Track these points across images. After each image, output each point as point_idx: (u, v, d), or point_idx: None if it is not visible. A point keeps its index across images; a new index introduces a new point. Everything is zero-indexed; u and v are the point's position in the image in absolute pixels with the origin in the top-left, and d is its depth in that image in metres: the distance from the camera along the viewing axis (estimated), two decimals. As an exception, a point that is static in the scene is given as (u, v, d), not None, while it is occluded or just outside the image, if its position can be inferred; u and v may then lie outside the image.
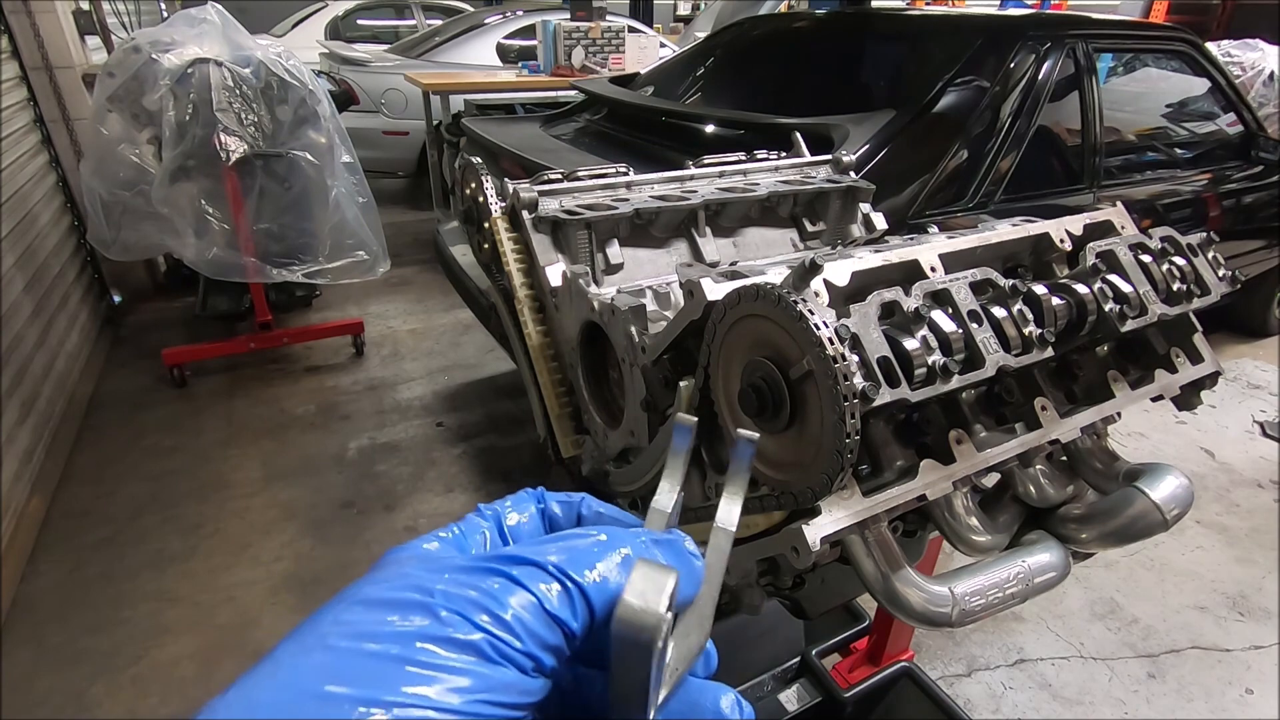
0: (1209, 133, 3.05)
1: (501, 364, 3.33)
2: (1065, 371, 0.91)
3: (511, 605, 0.25)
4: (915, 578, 0.78)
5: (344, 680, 0.22)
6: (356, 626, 0.24)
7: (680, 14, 10.73)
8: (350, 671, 0.23)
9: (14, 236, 2.66)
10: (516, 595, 0.26)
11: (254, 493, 2.50)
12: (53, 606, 2.03)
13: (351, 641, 0.23)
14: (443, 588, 0.25)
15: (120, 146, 2.49)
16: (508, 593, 0.26)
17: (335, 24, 6.69)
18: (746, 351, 0.74)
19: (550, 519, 0.35)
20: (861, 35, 2.81)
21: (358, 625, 0.24)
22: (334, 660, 0.23)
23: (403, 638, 0.24)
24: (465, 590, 0.25)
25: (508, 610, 0.25)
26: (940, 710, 1.64)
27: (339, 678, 0.22)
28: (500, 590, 0.26)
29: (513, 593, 0.26)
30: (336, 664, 0.23)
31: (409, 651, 0.23)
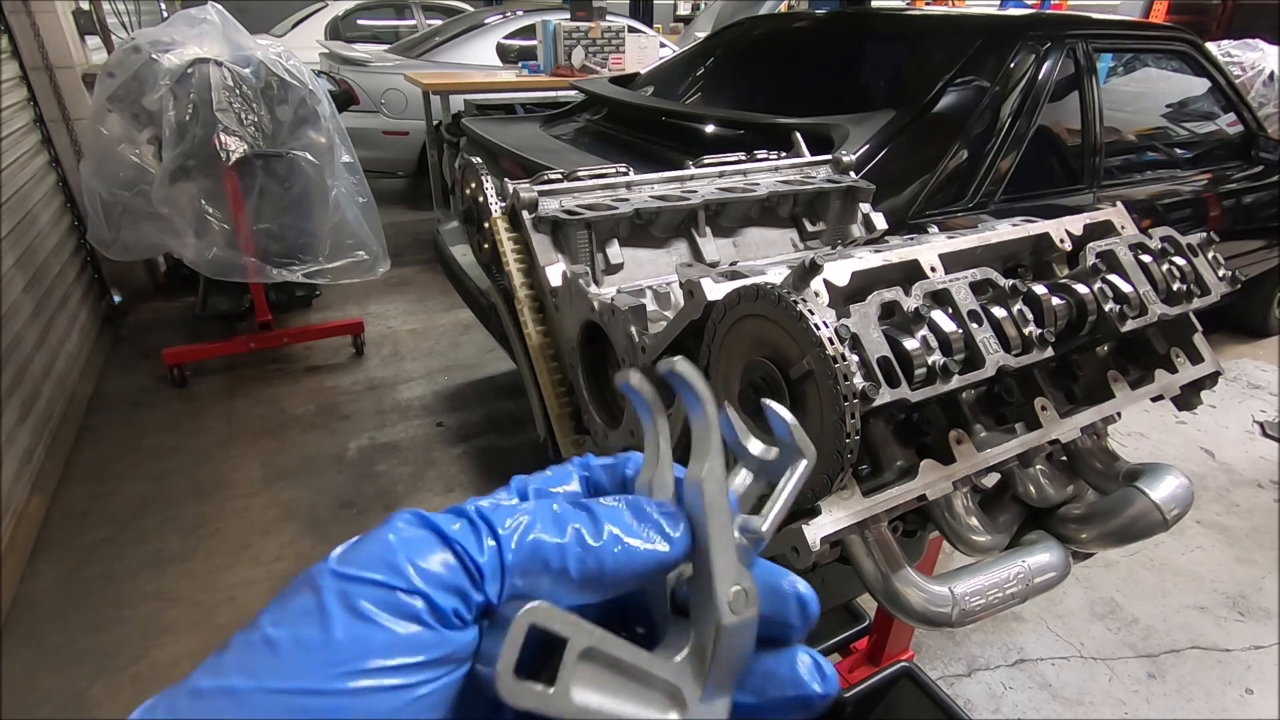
0: (1209, 133, 3.05)
1: (501, 364, 3.33)
2: (1065, 371, 0.91)
3: (405, 543, 0.24)
4: (915, 578, 0.78)
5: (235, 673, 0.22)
6: (265, 614, 0.23)
7: (680, 14, 10.73)
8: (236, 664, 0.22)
9: (14, 236, 2.66)
10: (414, 531, 0.24)
11: (254, 493, 2.50)
12: (53, 606, 2.03)
13: (255, 629, 0.23)
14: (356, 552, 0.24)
15: (120, 146, 2.49)
16: (408, 533, 0.24)
17: (335, 24, 6.69)
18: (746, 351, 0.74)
19: (595, 486, 0.33)
20: (861, 35, 2.81)
21: (267, 613, 0.23)
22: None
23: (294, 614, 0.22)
24: (378, 545, 0.24)
25: (399, 552, 0.23)
26: (940, 710, 1.64)
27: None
28: (404, 533, 0.24)
29: (412, 532, 0.24)
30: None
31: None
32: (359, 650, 0.21)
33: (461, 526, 0.25)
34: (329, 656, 0.21)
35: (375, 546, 0.24)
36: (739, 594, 0.27)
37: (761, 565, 0.29)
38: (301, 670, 0.21)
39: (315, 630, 0.22)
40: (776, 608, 0.29)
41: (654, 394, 0.29)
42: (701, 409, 0.28)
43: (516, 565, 0.24)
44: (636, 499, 0.28)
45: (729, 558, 0.27)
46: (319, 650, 0.21)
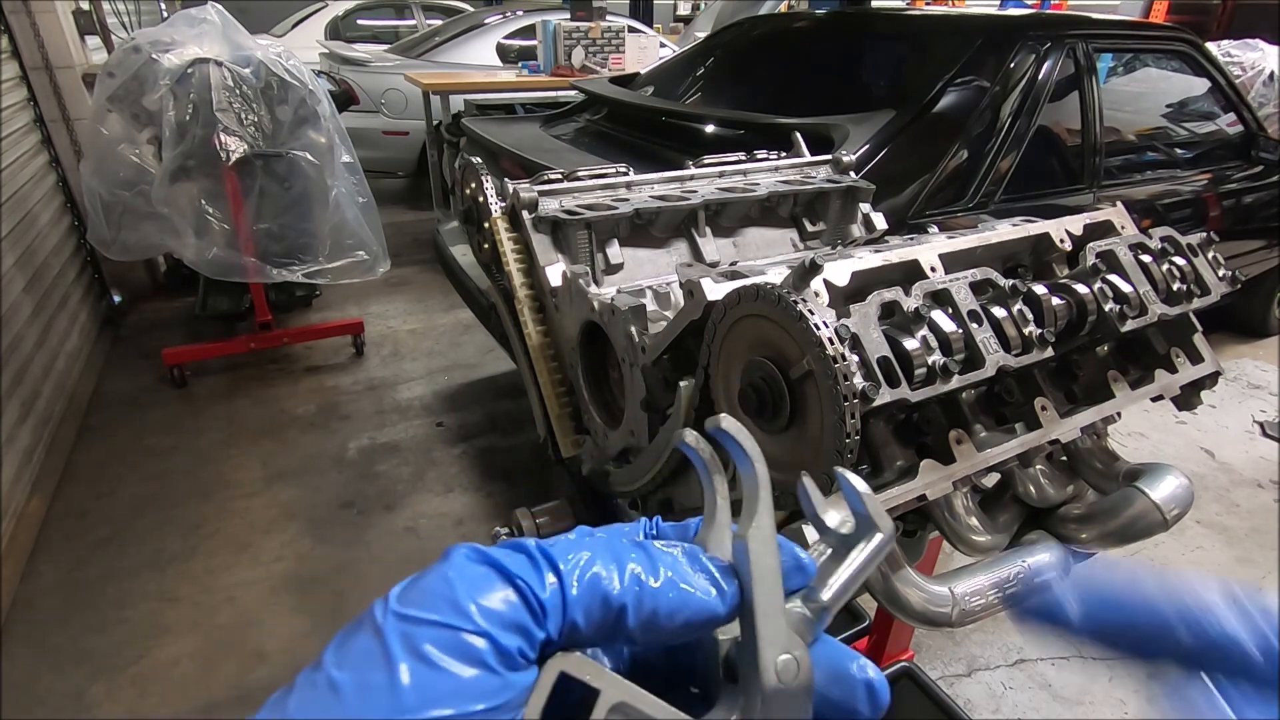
0: (1209, 133, 3.05)
1: (501, 364, 3.33)
2: (1065, 371, 0.91)
3: (466, 580, 0.23)
4: (915, 578, 0.78)
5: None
6: (333, 653, 0.23)
7: (680, 14, 10.73)
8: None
9: (14, 236, 2.66)
10: (475, 568, 0.24)
11: (254, 493, 2.50)
12: (53, 606, 2.03)
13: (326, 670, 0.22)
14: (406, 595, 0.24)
15: (120, 146, 2.49)
16: (469, 570, 0.24)
17: (335, 24, 6.69)
18: (746, 351, 0.74)
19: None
20: (861, 35, 2.81)
21: (334, 651, 0.23)
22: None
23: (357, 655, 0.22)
24: (439, 583, 0.24)
25: (459, 590, 0.23)
26: (940, 710, 1.64)
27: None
28: (465, 570, 0.24)
29: (472, 569, 0.24)
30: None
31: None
32: (424, 698, 0.21)
33: (522, 562, 0.24)
34: (394, 703, 0.21)
35: (436, 584, 0.23)
36: (788, 662, 0.26)
37: (830, 644, 0.28)
38: (367, 717, 0.21)
39: (380, 675, 0.21)
40: (843, 693, 0.28)
41: (712, 453, 0.29)
42: (750, 467, 0.28)
43: (578, 601, 0.24)
44: (693, 548, 0.28)
45: (777, 622, 0.26)
46: (384, 696, 0.21)
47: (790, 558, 0.28)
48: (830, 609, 0.28)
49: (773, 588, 0.27)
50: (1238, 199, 2.86)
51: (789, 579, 0.28)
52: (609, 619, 0.24)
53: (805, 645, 0.27)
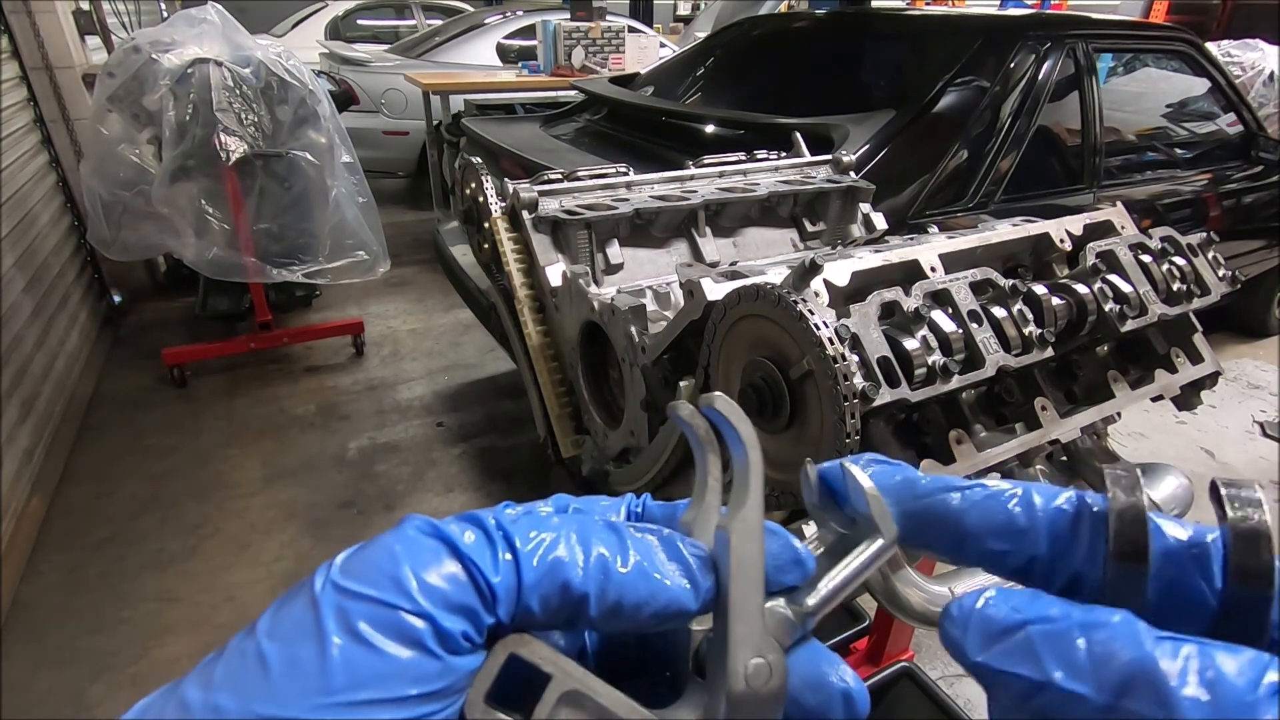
0: (1209, 133, 3.05)
1: (501, 364, 3.33)
2: (1065, 371, 0.91)
3: (412, 554, 0.22)
4: (915, 578, 0.78)
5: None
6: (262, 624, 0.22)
7: (680, 14, 10.73)
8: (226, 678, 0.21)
9: (14, 236, 2.66)
10: (424, 542, 0.22)
11: (254, 493, 2.50)
12: (53, 606, 2.03)
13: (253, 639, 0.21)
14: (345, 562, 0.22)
15: (120, 146, 2.49)
16: (417, 543, 0.22)
17: (335, 24, 6.69)
18: (746, 351, 0.74)
19: (646, 520, 0.30)
20: (861, 35, 2.81)
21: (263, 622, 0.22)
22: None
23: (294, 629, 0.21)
24: (384, 556, 0.22)
25: (404, 565, 0.21)
26: (940, 710, 1.64)
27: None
28: (412, 543, 0.22)
29: (421, 542, 0.22)
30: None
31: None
32: (354, 679, 0.20)
33: (476, 539, 0.23)
34: (322, 684, 0.20)
35: (380, 556, 0.22)
36: (760, 666, 0.24)
37: (812, 649, 0.26)
38: (292, 696, 0.20)
39: (309, 650, 0.20)
40: (819, 701, 0.26)
41: (707, 429, 0.27)
42: (742, 451, 0.26)
43: (534, 585, 0.22)
44: (671, 535, 0.26)
45: (752, 623, 0.24)
46: (312, 675, 0.20)
47: (787, 550, 0.26)
48: (815, 614, 0.26)
49: (751, 585, 0.25)
50: (1238, 199, 2.86)
51: (784, 574, 0.26)
52: (569, 606, 0.23)
53: (781, 649, 0.25)
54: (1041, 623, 0.21)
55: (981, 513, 0.27)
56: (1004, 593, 0.23)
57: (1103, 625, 0.21)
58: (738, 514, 0.25)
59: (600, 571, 0.23)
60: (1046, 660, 0.21)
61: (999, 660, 0.22)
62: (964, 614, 0.23)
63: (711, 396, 0.26)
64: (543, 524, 0.24)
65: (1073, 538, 0.25)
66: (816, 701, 0.26)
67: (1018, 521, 0.26)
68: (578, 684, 0.23)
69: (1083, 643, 0.20)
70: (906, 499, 0.28)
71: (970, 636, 0.23)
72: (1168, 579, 0.24)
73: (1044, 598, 0.23)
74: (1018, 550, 0.26)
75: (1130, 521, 0.24)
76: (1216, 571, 0.23)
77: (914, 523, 0.28)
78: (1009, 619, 0.22)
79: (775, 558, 0.26)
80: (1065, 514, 0.25)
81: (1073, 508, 0.25)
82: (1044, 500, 0.26)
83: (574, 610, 0.23)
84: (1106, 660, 0.20)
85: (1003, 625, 0.22)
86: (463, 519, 0.24)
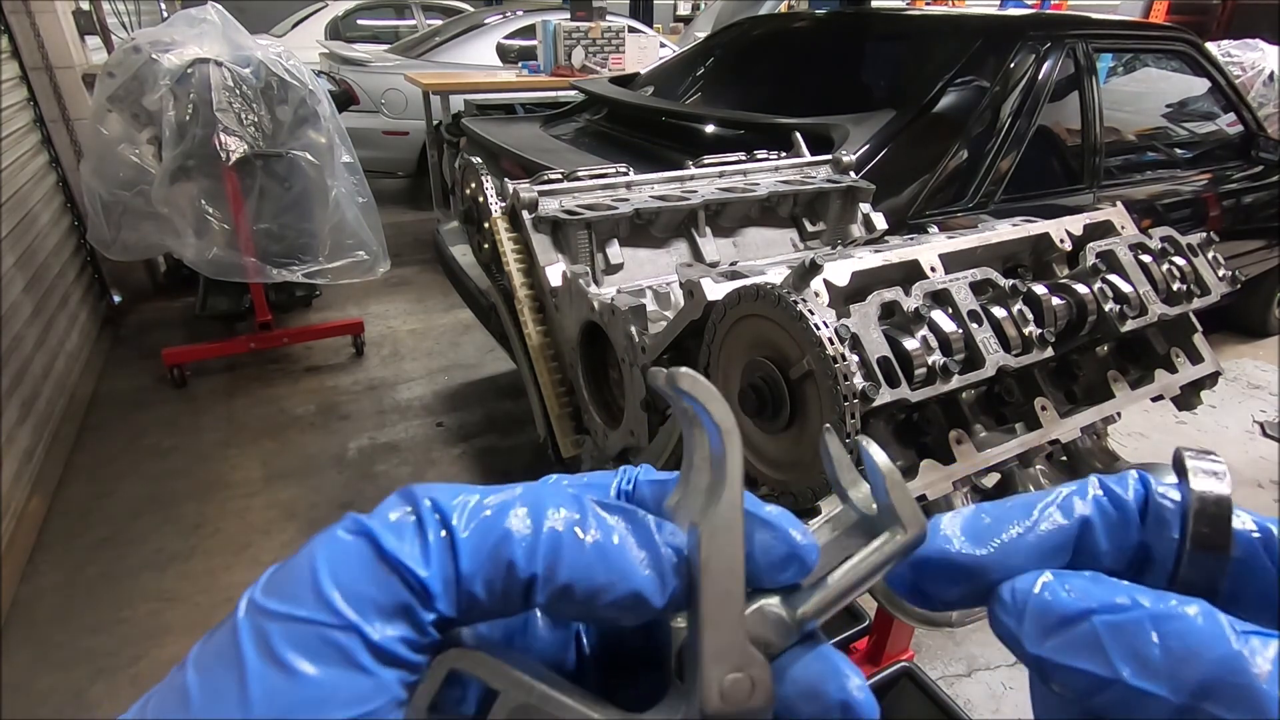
0: (1209, 133, 3.05)
1: (501, 364, 3.33)
2: (1065, 371, 0.91)
3: (333, 563, 0.19)
4: (915, 578, 0.77)
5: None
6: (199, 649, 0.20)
7: (680, 14, 10.73)
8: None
9: (14, 236, 2.66)
10: (345, 545, 0.20)
11: (254, 493, 2.50)
12: (53, 606, 2.03)
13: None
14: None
15: (120, 146, 2.49)
16: (337, 548, 0.20)
17: (335, 24, 6.69)
18: (746, 351, 0.74)
19: (636, 502, 0.26)
20: (861, 35, 2.81)
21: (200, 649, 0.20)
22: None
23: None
24: (303, 569, 0.20)
25: (324, 576, 0.19)
26: (940, 710, 1.64)
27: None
28: (332, 549, 0.20)
29: (342, 547, 0.20)
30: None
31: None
32: (276, 708, 0.18)
33: (407, 528, 0.20)
34: (243, 714, 0.18)
35: (299, 569, 0.20)
36: (738, 682, 0.21)
37: (816, 656, 0.23)
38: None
39: (229, 681, 0.18)
40: (815, 711, 0.23)
41: None
42: (717, 436, 0.22)
43: (475, 571, 0.20)
44: (645, 518, 0.22)
45: (727, 634, 0.21)
46: (231, 706, 0.18)
47: (781, 544, 0.23)
48: (807, 622, 0.23)
49: (725, 592, 0.22)
50: (1238, 199, 2.86)
51: (778, 571, 0.23)
52: (514, 590, 0.20)
53: (766, 661, 0.22)
54: (1108, 612, 0.20)
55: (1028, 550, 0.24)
56: (1061, 575, 0.21)
57: (1178, 617, 0.19)
58: (712, 509, 0.22)
59: (551, 551, 0.20)
60: (1114, 655, 0.19)
61: (1060, 654, 0.20)
62: (1019, 600, 0.21)
63: (676, 374, 0.22)
64: (491, 497, 0.21)
65: (1119, 522, 0.24)
66: (812, 712, 0.23)
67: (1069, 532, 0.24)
68: (530, 696, 0.21)
69: (1156, 637, 0.19)
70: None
71: (1027, 626, 0.21)
72: (1237, 560, 0.22)
73: (1107, 581, 0.21)
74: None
75: (1214, 503, 0.22)
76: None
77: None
78: (1071, 607, 0.20)
79: (769, 552, 0.23)
80: (1115, 504, 0.24)
81: (1134, 494, 0.24)
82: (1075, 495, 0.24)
83: (521, 594, 0.21)
84: (1185, 657, 0.18)
85: (1063, 614, 0.20)
86: (402, 497, 0.21)
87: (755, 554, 0.23)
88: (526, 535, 0.20)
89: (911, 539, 0.23)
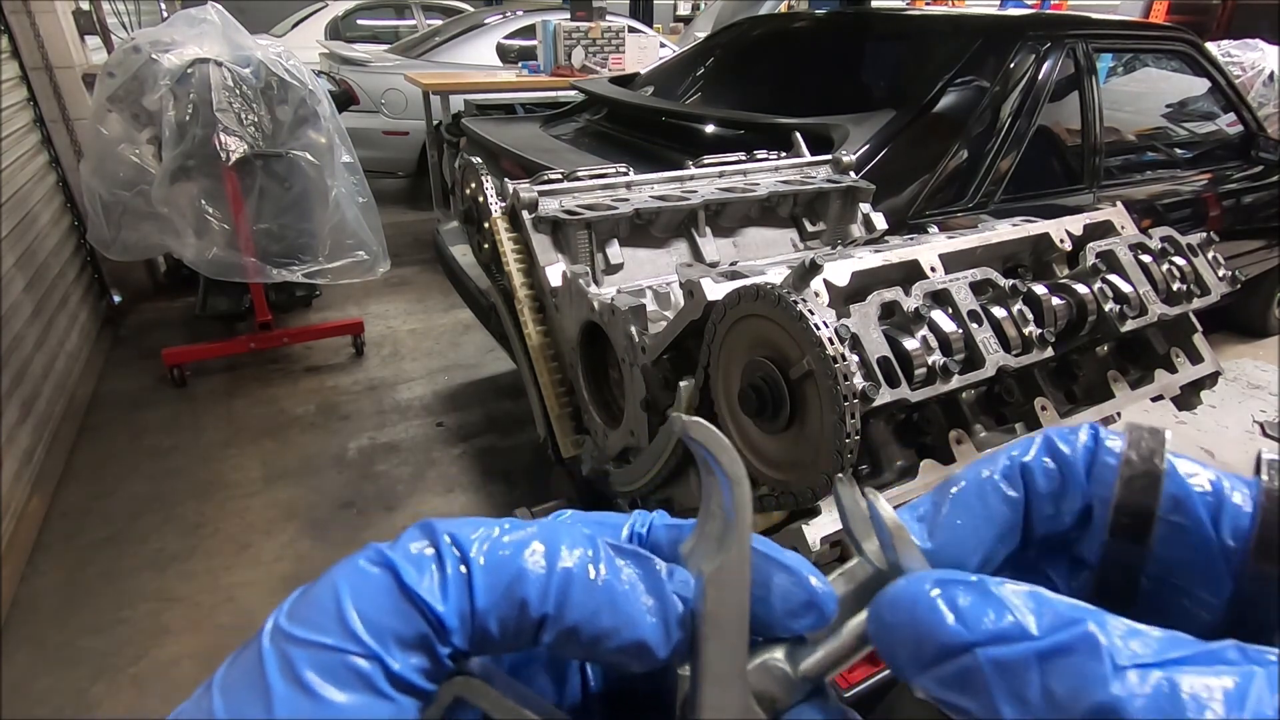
0: (1209, 133, 3.05)
1: (501, 364, 3.33)
2: (1065, 371, 0.91)
3: (356, 592, 0.20)
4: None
5: None
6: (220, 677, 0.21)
7: (680, 14, 10.73)
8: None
9: (14, 236, 2.66)
10: (368, 576, 0.21)
11: (254, 493, 2.50)
12: (53, 606, 2.03)
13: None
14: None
15: (120, 146, 2.49)
16: (359, 579, 0.21)
17: (335, 24, 6.69)
18: (746, 351, 0.74)
19: (651, 547, 0.26)
20: (861, 35, 2.81)
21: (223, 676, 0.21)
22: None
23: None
24: (327, 596, 0.21)
25: (347, 604, 0.20)
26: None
27: None
28: (355, 579, 0.21)
29: (365, 578, 0.21)
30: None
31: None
32: None
33: (426, 563, 0.21)
34: None
35: (323, 596, 0.21)
36: None
37: (822, 713, 0.22)
38: None
39: (255, 705, 0.19)
40: None
41: None
42: (727, 487, 0.22)
43: (490, 608, 0.21)
44: (656, 566, 0.22)
45: (729, 690, 0.21)
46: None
47: (799, 591, 0.22)
48: (820, 674, 0.22)
49: (727, 647, 0.21)
50: (1238, 199, 2.86)
51: (795, 619, 0.22)
52: (526, 628, 0.21)
53: (769, 718, 0.21)
54: (992, 644, 0.18)
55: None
56: (948, 586, 0.19)
57: (1063, 651, 0.18)
58: (718, 562, 0.22)
59: (562, 592, 0.21)
60: (996, 694, 0.18)
61: (938, 688, 0.19)
62: (896, 616, 0.20)
63: (690, 423, 0.23)
64: (508, 535, 0.22)
65: (1080, 474, 0.23)
66: None
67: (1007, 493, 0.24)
68: None
69: (1038, 676, 0.18)
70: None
71: (902, 649, 0.20)
72: (1175, 526, 0.21)
73: (993, 592, 0.19)
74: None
75: (1140, 490, 0.21)
76: (1229, 532, 0.21)
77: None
78: (953, 637, 0.19)
79: (787, 599, 0.22)
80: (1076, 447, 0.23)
81: (1083, 450, 0.23)
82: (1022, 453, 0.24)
83: (531, 631, 0.21)
84: (1065, 701, 0.17)
85: (945, 645, 0.19)
86: (422, 530, 0.22)
87: (773, 599, 0.23)
88: (540, 574, 0.21)
89: None
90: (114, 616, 1.99)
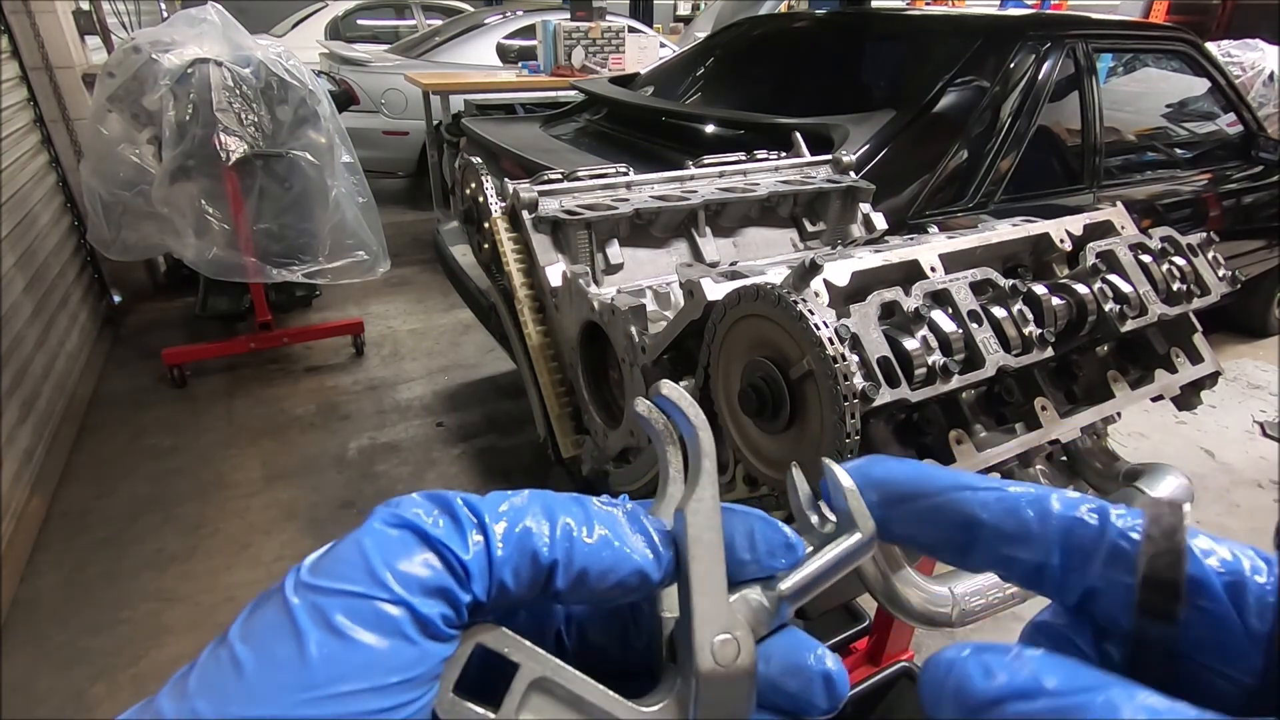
0: (1209, 133, 3.05)
1: (501, 364, 3.33)
2: (1065, 371, 0.91)
3: (382, 546, 0.22)
4: (915, 578, 0.78)
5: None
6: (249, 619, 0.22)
7: (680, 14, 10.74)
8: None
9: (14, 236, 2.66)
10: (392, 532, 0.22)
11: (254, 493, 2.50)
12: (53, 606, 2.03)
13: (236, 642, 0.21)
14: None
15: (120, 146, 2.49)
16: (385, 535, 0.22)
17: (335, 24, 6.69)
18: (746, 351, 0.74)
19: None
20: (861, 35, 2.81)
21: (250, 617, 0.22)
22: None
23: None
24: (353, 552, 0.22)
25: (375, 557, 0.21)
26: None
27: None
28: (380, 535, 0.22)
29: (389, 534, 0.22)
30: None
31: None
32: (334, 672, 0.20)
33: (444, 521, 0.23)
34: (302, 679, 0.20)
35: (349, 552, 0.22)
36: (727, 642, 0.24)
37: (789, 635, 0.27)
38: (270, 695, 0.20)
39: (286, 648, 0.20)
40: (800, 685, 0.26)
41: (665, 422, 0.28)
42: (693, 434, 0.27)
43: (506, 560, 0.23)
44: (635, 508, 0.26)
45: (715, 598, 0.25)
46: (291, 670, 0.20)
47: (776, 534, 0.27)
48: (790, 600, 0.26)
49: (711, 561, 0.25)
50: (1238, 199, 2.86)
51: (774, 558, 0.27)
52: (539, 577, 0.23)
53: (748, 627, 0.25)
54: (1019, 700, 0.20)
55: (994, 514, 0.25)
56: (979, 653, 0.22)
57: (1079, 709, 0.19)
58: (693, 493, 0.26)
59: (566, 541, 0.24)
60: None
61: None
62: (938, 677, 0.22)
63: (659, 385, 0.27)
64: (508, 497, 0.24)
65: (1090, 554, 0.24)
66: (798, 685, 0.26)
67: (1030, 526, 0.25)
68: (546, 670, 0.24)
69: None
70: (918, 496, 0.27)
71: (944, 706, 0.22)
72: (1197, 609, 0.22)
73: (1024, 658, 0.21)
74: (1027, 557, 0.25)
75: (1165, 567, 0.22)
76: (1254, 614, 0.21)
77: (923, 523, 0.27)
78: (986, 692, 0.21)
79: (767, 541, 0.27)
80: (1086, 527, 0.24)
81: (1096, 522, 0.24)
82: (1063, 507, 0.25)
83: (544, 581, 0.23)
84: None
85: (979, 699, 0.21)
86: (429, 499, 0.24)
87: (756, 542, 0.27)
88: (544, 529, 0.24)
89: (865, 540, 0.27)
90: (114, 616, 1.99)
